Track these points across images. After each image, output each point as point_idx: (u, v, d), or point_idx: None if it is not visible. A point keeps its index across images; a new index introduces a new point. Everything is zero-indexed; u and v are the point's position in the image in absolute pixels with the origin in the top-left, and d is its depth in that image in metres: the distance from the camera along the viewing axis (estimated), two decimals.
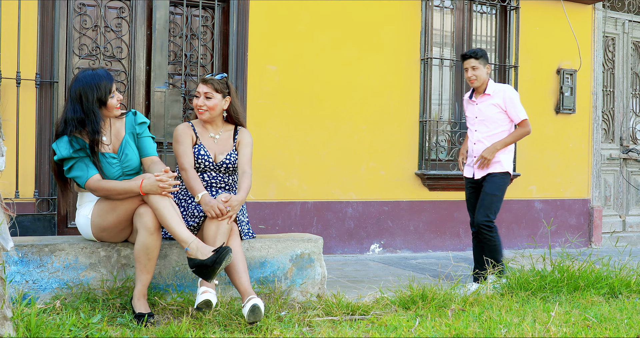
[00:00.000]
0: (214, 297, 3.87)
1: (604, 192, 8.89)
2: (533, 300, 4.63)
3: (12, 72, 5.67)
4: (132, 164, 4.10)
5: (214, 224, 4.04)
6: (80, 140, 3.94)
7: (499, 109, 5.54)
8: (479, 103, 5.61)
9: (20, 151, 5.70)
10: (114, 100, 4.04)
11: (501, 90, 5.57)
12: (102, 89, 3.98)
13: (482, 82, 5.56)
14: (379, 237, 7.28)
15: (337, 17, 7.05)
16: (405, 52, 7.41)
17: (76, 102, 3.95)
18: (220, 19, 6.62)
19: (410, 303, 4.40)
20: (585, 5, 8.47)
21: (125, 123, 4.17)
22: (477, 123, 5.63)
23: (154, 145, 4.21)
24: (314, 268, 4.60)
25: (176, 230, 3.81)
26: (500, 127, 5.56)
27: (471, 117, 5.72)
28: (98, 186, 3.91)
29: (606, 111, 8.93)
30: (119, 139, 4.12)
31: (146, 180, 3.83)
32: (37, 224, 5.77)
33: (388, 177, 7.34)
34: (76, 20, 6.06)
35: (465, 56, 5.59)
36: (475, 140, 5.63)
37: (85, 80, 3.97)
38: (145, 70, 6.31)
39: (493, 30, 8.02)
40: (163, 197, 3.85)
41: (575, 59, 8.40)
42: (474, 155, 5.63)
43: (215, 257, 3.71)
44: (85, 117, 3.94)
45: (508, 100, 5.51)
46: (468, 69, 5.57)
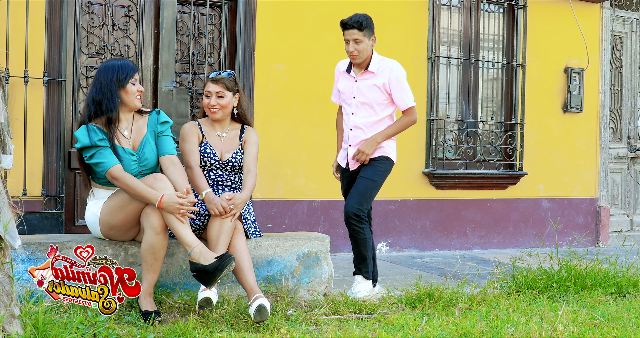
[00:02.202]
0: (215, 295, 3.88)
1: (612, 191, 8.86)
2: (540, 299, 4.62)
3: (20, 71, 5.68)
4: (149, 164, 4.09)
5: (218, 222, 4.05)
6: (99, 130, 3.95)
7: (382, 91, 4.71)
8: (359, 80, 4.75)
9: (28, 149, 5.71)
10: (134, 87, 4.05)
11: (387, 67, 4.72)
12: (123, 71, 4.03)
13: (365, 57, 4.71)
14: (385, 236, 7.27)
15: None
16: (413, 50, 7.40)
17: (97, 84, 4.02)
18: (227, 18, 6.62)
19: (417, 302, 4.40)
20: (593, 4, 8.44)
21: (147, 121, 4.18)
22: (355, 105, 4.77)
23: (173, 144, 4.19)
24: (321, 266, 4.60)
25: (181, 232, 3.82)
26: (384, 112, 4.76)
27: (348, 96, 4.80)
28: (122, 176, 3.88)
29: (614, 110, 8.90)
30: (140, 136, 4.12)
31: (167, 197, 3.80)
32: (45, 222, 5.79)
33: (395, 176, 7.31)
34: (84, 18, 6.08)
35: (347, 25, 4.68)
36: (352, 125, 4.78)
37: (109, 65, 4.07)
38: (152, 68, 6.32)
39: (500, 28, 8.00)
40: None
41: (583, 58, 8.37)
42: (349, 144, 4.81)
43: (217, 264, 3.71)
44: (103, 95, 3.98)
45: (394, 82, 4.70)
46: (349, 41, 4.67)
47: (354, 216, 4.64)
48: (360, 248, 4.74)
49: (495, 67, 7.93)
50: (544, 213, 8.17)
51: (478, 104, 7.86)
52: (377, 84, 4.70)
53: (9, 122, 3.11)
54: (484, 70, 7.90)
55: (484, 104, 7.96)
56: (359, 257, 4.78)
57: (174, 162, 4.09)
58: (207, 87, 4.39)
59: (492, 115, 8.00)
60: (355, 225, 4.67)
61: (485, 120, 7.91)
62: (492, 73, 7.96)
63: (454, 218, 7.64)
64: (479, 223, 7.78)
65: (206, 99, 4.39)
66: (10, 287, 3.07)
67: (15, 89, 5.68)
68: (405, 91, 4.73)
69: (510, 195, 7.98)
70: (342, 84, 4.87)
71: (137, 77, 4.09)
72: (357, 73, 4.78)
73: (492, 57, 7.95)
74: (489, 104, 8.00)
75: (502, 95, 7.97)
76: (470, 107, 7.79)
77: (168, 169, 4.06)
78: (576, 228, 8.34)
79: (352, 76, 4.79)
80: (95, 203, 4.11)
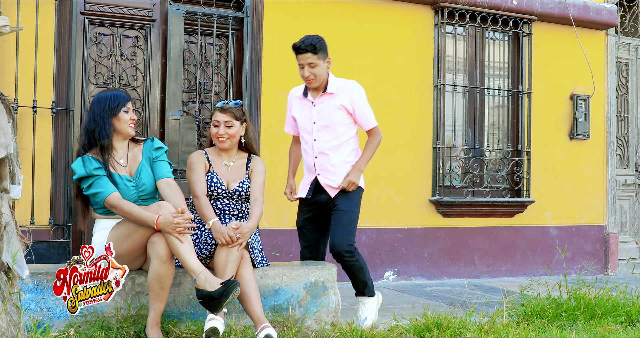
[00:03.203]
0: (221, 324, 3.86)
1: (620, 218, 8.82)
2: (549, 329, 4.58)
3: (28, 101, 5.73)
4: (147, 189, 4.13)
5: (224, 251, 4.05)
6: (95, 159, 4.01)
7: (344, 112, 4.57)
8: (318, 104, 4.60)
9: (36, 178, 5.74)
10: (126, 115, 4.12)
11: (347, 87, 4.59)
12: (115, 100, 4.12)
13: (321, 81, 4.58)
14: (393, 264, 7.24)
15: (350, 44, 7.09)
16: (418, 78, 7.43)
17: (90, 113, 4.10)
18: (234, 47, 6.67)
19: (425, 332, 4.37)
20: (597, 31, 8.48)
21: (142, 149, 4.23)
22: (316, 130, 4.61)
23: (169, 168, 4.23)
24: (328, 296, 4.58)
25: (186, 259, 3.82)
26: (347, 133, 4.64)
27: (306, 123, 4.65)
28: (119, 204, 3.94)
29: (620, 137, 8.90)
30: (136, 163, 4.18)
31: (162, 218, 3.84)
32: (52, 251, 5.79)
33: (402, 204, 7.32)
34: (92, 49, 6.13)
35: (300, 49, 4.51)
36: (317, 152, 4.64)
37: (102, 95, 4.16)
38: (159, 98, 6.36)
39: (506, 56, 8.04)
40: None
41: (588, 85, 8.39)
42: (318, 173, 4.67)
43: (222, 290, 3.71)
44: (96, 124, 4.05)
45: (357, 101, 4.57)
46: (304, 66, 4.53)
47: (346, 253, 4.55)
48: (359, 276, 4.67)
49: (500, 95, 7.96)
50: (551, 241, 8.13)
51: (484, 132, 7.88)
52: (338, 105, 4.58)
53: (17, 152, 3.12)
54: (489, 98, 7.92)
55: (490, 132, 7.97)
56: (360, 284, 4.72)
57: (170, 185, 4.13)
58: (215, 116, 4.41)
59: (498, 142, 8.00)
60: (348, 259, 4.57)
61: (492, 148, 7.92)
62: (498, 100, 7.99)
63: (462, 246, 7.61)
64: (486, 252, 7.75)
65: (214, 128, 4.41)
66: (18, 317, 3.06)
67: (23, 119, 5.72)
68: (368, 111, 4.64)
69: (518, 222, 7.95)
70: (297, 111, 4.74)
71: (130, 106, 4.18)
72: (314, 97, 4.64)
73: (498, 84, 7.98)
74: (495, 131, 8.01)
75: (508, 123, 7.99)
76: (477, 134, 7.80)
77: (165, 191, 4.11)
78: (584, 256, 8.29)
79: (309, 100, 4.66)
80: (100, 233, 4.12)
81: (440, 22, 7.48)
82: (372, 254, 7.11)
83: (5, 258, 2.76)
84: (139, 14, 6.28)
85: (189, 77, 6.51)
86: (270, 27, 6.70)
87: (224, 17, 6.50)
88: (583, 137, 8.32)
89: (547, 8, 7.95)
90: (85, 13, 6.09)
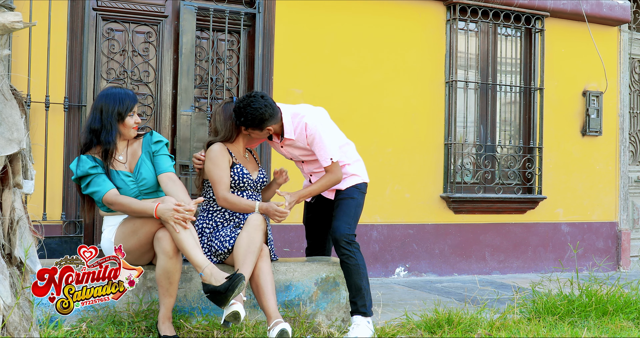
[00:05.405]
0: (243, 309, 3.82)
1: (632, 215, 8.78)
2: (561, 325, 4.58)
3: (41, 96, 5.75)
4: (148, 183, 4.11)
5: (245, 242, 4.04)
6: (92, 158, 4.02)
7: (310, 151, 4.48)
8: (285, 146, 4.55)
9: (48, 174, 5.77)
10: (132, 119, 4.10)
11: (302, 128, 4.40)
12: (124, 104, 4.07)
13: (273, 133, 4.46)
14: (404, 261, 7.24)
15: (362, 40, 7.08)
16: (430, 75, 7.42)
17: (97, 112, 4.06)
18: (246, 43, 6.68)
19: (436, 328, 4.37)
20: (610, 27, 8.44)
21: (142, 143, 4.21)
22: (298, 160, 4.69)
23: (170, 162, 4.19)
24: (339, 291, 4.58)
25: (191, 254, 3.81)
26: None
27: (285, 155, 4.68)
28: (115, 200, 3.94)
29: (633, 133, 8.85)
30: (135, 158, 4.16)
31: (162, 205, 3.84)
32: (64, 246, 5.82)
33: (413, 200, 7.31)
34: (104, 44, 6.15)
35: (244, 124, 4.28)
36: (308, 172, 4.68)
37: (111, 93, 4.09)
38: (171, 93, 6.37)
39: (518, 52, 8.01)
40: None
41: (601, 81, 8.35)
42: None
43: (228, 284, 3.70)
44: (102, 127, 4.03)
45: (312, 142, 4.39)
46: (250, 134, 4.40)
47: (344, 239, 4.35)
48: (353, 276, 4.37)
49: (513, 91, 7.93)
50: (563, 238, 8.11)
51: (496, 128, 7.85)
52: (299, 147, 4.49)
53: (30, 147, 3.14)
54: (501, 94, 7.90)
55: (502, 128, 7.95)
56: (353, 288, 4.39)
57: (172, 179, 4.10)
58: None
59: (510, 138, 7.98)
60: (345, 248, 4.35)
61: (504, 144, 7.89)
62: (510, 97, 7.96)
63: (473, 242, 7.60)
64: (497, 248, 7.73)
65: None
66: (30, 311, 3.08)
67: (36, 114, 5.75)
68: (324, 148, 4.37)
69: (529, 219, 7.93)
70: (274, 146, 4.68)
71: (136, 109, 4.14)
72: (278, 139, 4.53)
73: (510, 80, 7.96)
74: (507, 127, 7.98)
75: (520, 119, 7.96)
76: (488, 130, 7.78)
77: (167, 185, 4.07)
78: (596, 252, 8.26)
79: (275, 141, 4.56)
80: (108, 230, 4.14)
81: (453, 18, 7.46)
82: (383, 250, 7.11)
83: (17, 253, 2.78)
84: (151, 9, 6.30)
85: (200, 73, 6.52)
86: (282, 23, 6.70)
87: (235, 13, 6.51)
88: (595, 134, 8.28)
89: (560, 4, 7.91)
90: (97, 9, 6.11)
